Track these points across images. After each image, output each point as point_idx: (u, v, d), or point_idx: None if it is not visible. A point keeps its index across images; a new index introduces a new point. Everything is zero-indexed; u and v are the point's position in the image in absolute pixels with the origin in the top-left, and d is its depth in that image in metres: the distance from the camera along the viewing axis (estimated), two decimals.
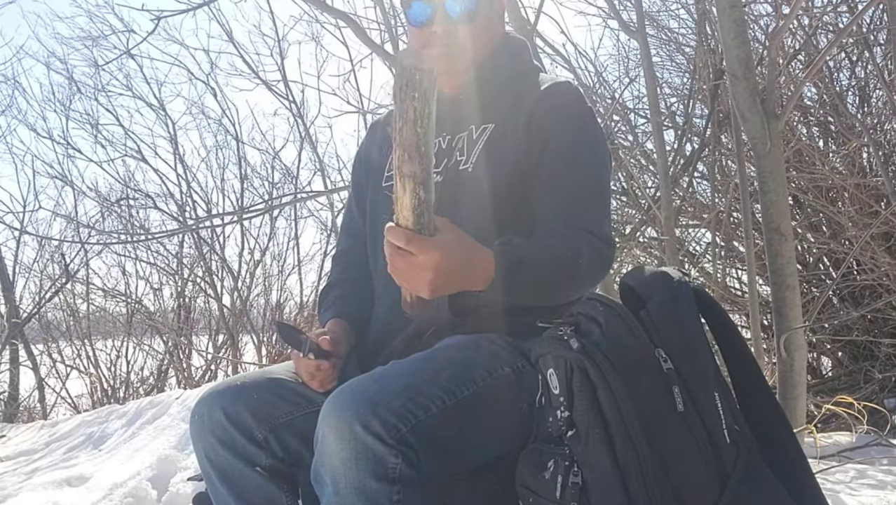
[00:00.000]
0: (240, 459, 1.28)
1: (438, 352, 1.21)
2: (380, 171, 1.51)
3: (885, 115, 4.40)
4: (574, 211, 1.30)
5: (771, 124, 2.40)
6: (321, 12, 4.84)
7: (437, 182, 1.39)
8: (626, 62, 5.46)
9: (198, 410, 1.31)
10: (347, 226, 1.64)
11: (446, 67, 1.41)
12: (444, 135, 1.43)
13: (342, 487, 1.06)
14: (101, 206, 7.48)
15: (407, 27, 1.47)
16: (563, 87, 1.40)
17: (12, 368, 7.93)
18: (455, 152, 1.41)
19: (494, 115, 1.40)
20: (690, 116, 4.67)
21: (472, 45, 1.40)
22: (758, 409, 1.12)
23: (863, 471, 2.52)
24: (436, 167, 1.41)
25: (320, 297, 1.60)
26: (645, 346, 1.05)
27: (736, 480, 1.01)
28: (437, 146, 1.44)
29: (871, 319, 4.21)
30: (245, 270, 7.26)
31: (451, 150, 1.42)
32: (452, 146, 1.42)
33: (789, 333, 2.37)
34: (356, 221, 1.59)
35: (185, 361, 7.57)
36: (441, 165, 1.41)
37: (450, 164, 1.41)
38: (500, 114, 1.39)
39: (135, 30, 6.38)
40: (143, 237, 7.15)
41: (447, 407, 1.12)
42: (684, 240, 4.87)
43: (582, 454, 1.02)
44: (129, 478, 2.76)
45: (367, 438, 1.04)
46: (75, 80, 7.18)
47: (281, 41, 6.22)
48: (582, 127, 1.38)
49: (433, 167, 1.40)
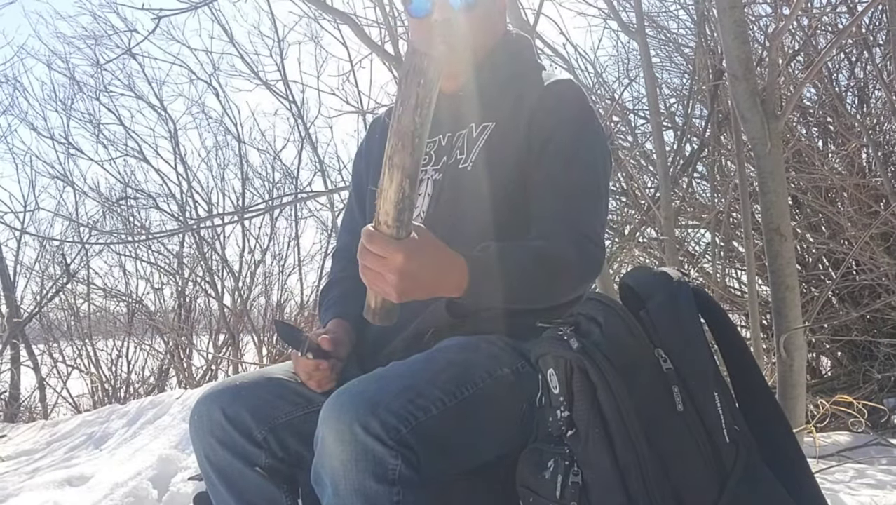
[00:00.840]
0: (239, 459, 1.28)
1: (438, 353, 1.21)
2: (379, 168, 1.51)
3: (884, 116, 4.40)
4: (568, 212, 1.30)
5: (771, 125, 2.41)
6: (320, 13, 4.85)
7: (436, 179, 1.39)
8: (625, 63, 5.47)
9: (197, 410, 1.31)
10: (347, 223, 1.64)
11: (448, 61, 1.41)
12: (445, 133, 1.43)
13: (342, 488, 1.06)
14: (102, 206, 7.49)
15: (408, 21, 1.47)
16: (564, 86, 1.40)
17: (13, 367, 7.93)
18: (455, 150, 1.41)
19: (495, 113, 1.40)
20: (690, 117, 4.68)
21: (472, 38, 1.39)
22: (757, 409, 1.12)
23: (862, 470, 2.52)
24: (435, 164, 1.41)
25: (321, 295, 1.59)
26: (644, 346, 1.05)
27: (735, 479, 1.02)
28: (436, 144, 1.44)
29: (870, 318, 4.21)
30: (246, 269, 7.27)
31: (451, 147, 1.42)
32: (452, 144, 1.42)
33: (789, 333, 2.37)
34: (356, 219, 1.59)
35: (185, 360, 7.57)
36: (440, 163, 1.41)
37: (449, 161, 1.41)
38: (501, 113, 1.39)
39: (137, 29, 6.38)
40: (144, 237, 7.15)
41: (447, 408, 1.12)
42: (684, 240, 4.88)
43: (582, 454, 1.02)
44: (130, 478, 2.77)
45: (367, 439, 1.04)
46: (77, 79, 7.19)
47: (281, 41, 6.22)
48: (581, 127, 1.38)
49: (430, 165, 1.41)
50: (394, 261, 1.06)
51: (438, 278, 1.13)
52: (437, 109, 1.43)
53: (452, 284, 1.15)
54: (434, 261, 1.11)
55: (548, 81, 1.41)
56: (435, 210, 1.38)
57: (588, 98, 1.43)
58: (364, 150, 1.62)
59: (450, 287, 1.15)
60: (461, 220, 1.35)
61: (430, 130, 1.41)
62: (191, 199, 7.32)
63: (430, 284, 1.13)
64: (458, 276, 1.14)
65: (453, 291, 1.16)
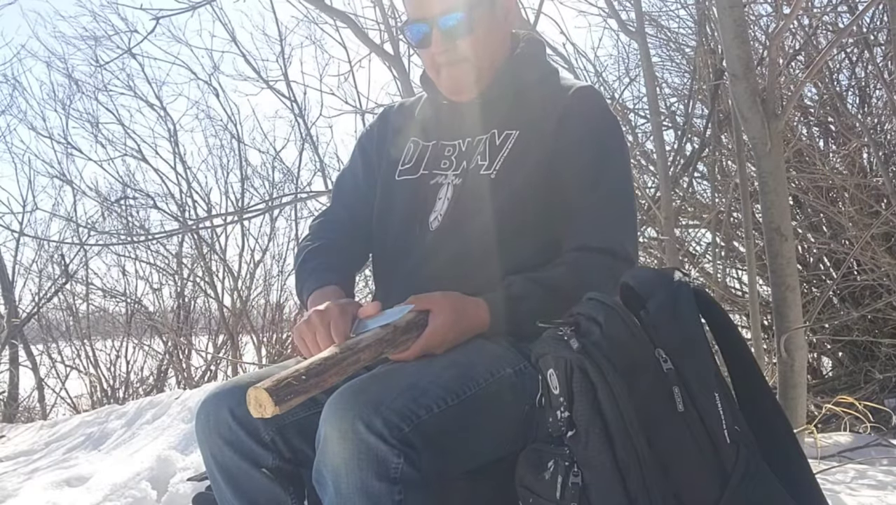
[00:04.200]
0: (246, 459, 1.27)
1: (442, 353, 1.22)
2: (393, 162, 1.50)
3: (885, 115, 4.40)
4: (591, 232, 1.32)
5: (771, 124, 2.41)
6: (320, 14, 4.84)
7: (456, 185, 1.40)
8: (625, 62, 5.46)
9: (204, 409, 1.29)
10: (346, 194, 1.59)
11: (457, 85, 1.42)
12: (465, 137, 1.44)
13: (344, 487, 1.06)
14: (101, 206, 7.49)
15: (415, 51, 1.48)
16: (589, 96, 1.41)
17: (12, 368, 7.93)
18: (476, 156, 1.40)
19: (517, 121, 1.40)
20: (690, 116, 4.68)
21: (478, 55, 1.39)
22: (758, 409, 1.12)
23: (863, 471, 2.52)
24: (455, 170, 1.42)
25: (311, 251, 1.51)
26: (645, 346, 1.05)
27: (736, 480, 1.01)
28: (456, 149, 1.44)
29: (871, 319, 4.20)
30: (245, 270, 7.27)
31: (472, 153, 1.41)
32: (473, 149, 1.42)
33: (789, 334, 2.37)
34: (359, 189, 1.56)
35: (184, 361, 7.58)
36: (460, 168, 1.41)
37: (469, 167, 1.40)
38: (523, 121, 1.40)
39: (137, 29, 6.37)
40: (143, 237, 7.15)
41: (449, 407, 1.13)
42: (684, 240, 4.87)
43: (582, 454, 1.02)
44: (129, 478, 2.76)
45: (369, 437, 1.04)
46: (75, 79, 7.19)
47: (283, 41, 6.21)
48: (607, 144, 1.39)
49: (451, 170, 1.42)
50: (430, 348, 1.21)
51: (468, 328, 1.25)
52: (455, 115, 1.45)
53: (478, 325, 1.25)
54: (458, 321, 1.22)
55: (572, 89, 1.41)
56: (454, 216, 1.38)
57: (609, 107, 1.46)
58: (377, 135, 1.58)
59: (476, 329, 1.26)
60: (481, 227, 1.35)
61: (448, 135, 1.44)
62: (190, 200, 7.32)
63: (462, 335, 1.24)
64: (482, 317, 1.25)
65: (480, 329, 1.26)
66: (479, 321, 1.25)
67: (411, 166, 1.47)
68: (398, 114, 1.58)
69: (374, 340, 1.14)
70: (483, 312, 1.25)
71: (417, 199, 1.43)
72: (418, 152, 1.48)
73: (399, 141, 1.52)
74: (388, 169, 1.51)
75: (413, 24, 1.40)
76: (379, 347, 1.14)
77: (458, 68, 1.40)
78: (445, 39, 1.37)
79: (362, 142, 1.61)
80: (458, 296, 1.25)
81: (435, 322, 1.19)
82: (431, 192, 1.42)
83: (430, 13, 1.36)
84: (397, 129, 1.55)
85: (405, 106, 1.59)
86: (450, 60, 1.39)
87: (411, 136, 1.51)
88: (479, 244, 1.34)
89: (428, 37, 1.38)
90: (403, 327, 1.18)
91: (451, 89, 1.44)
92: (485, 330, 1.26)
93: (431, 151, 1.46)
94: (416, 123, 1.52)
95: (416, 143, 1.49)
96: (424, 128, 1.51)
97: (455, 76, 1.41)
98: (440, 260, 1.36)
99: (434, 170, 1.44)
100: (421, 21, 1.38)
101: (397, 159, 1.50)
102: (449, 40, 1.37)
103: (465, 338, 1.24)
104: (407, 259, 1.41)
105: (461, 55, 1.38)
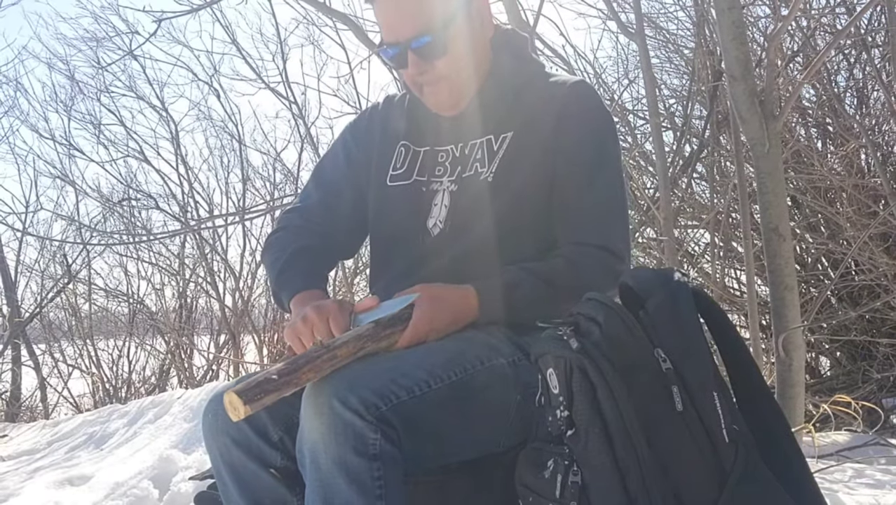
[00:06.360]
0: (254, 459, 1.26)
1: (434, 341, 1.23)
2: (383, 166, 1.48)
3: (882, 116, 4.41)
4: (588, 229, 1.34)
5: (769, 125, 2.42)
6: (319, 15, 4.85)
7: (452, 191, 1.40)
8: (625, 64, 5.46)
9: (211, 407, 1.28)
10: (326, 184, 1.54)
11: (440, 103, 1.42)
12: (457, 143, 1.43)
13: (322, 461, 1.07)
14: (104, 207, 7.49)
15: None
16: (586, 93, 1.41)
17: (14, 367, 7.93)
18: (473, 162, 1.40)
19: (512, 123, 1.40)
20: (689, 118, 4.68)
21: (458, 72, 1.38)
22: (756, 408, 1.13)
23: (861, 470, 2.53)
24: (450, 176, 1.41)
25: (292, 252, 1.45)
26: (644, 346, 1.06)
27: (735, 479, 1.02)
28: (449, 155, 1.43)
29: (869, 318, 4.21)
30: (247, 270, 7.26)
31: (467, 158, 1.41)
32: (467, 155, 1.41)
33: (788, 333, 2.38)
34: (337, 183, 1.52)
35: (186, 360, 7.58)
36: (455, 174, 1.41)
37: (465, 172, 1.40)
38: (519, 121, 1.39)
39: (139, 31, 6.36)
40: (145, 238, 7.16)
41: (432, 390, 1.13)
42: (683, 240, 4.87)
43: (581, 454, 1.03)
44: (131, 477, 2.78)
45: (344, 412, 1.05)
46: (77, 80, 7.19)
47: (283, 43, 6.21)
48: (605, 144, 1.40)
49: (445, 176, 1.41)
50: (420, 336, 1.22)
51: (457, 316, 1.26)
52: (447, 122, 1.45)
53: (469, 314, 1.27)
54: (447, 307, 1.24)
55: (566, 85, 1.41)
56: (454, 221, 1.38)
57: (603, 102, 1.46)
58: (364, 127, 1.56)
59: (468, 316, 1.27)
60: (482, 230, 1.35)
61: (441, 141, 1.44)
62: (192, 200, 7.32)
63: (453, 324, 1.25)
64: (470, 304, 1.26)
65: (471, 317, 1.27)
66: (467, 308, 1.26)
67: (403, 172, 1.45)
68: (385, 112, 1.54)
69: (352, 336, 1.14)
70: (471, 298, 1.26)
71: (413, 205, 1.41)
72: (410, 157, 1.46)
73: (387, 142, 1.49)
74: (377, 172, 1.48)
75: (388, 47, 1.37)
76: (358, 342, 1.14)
77: (438, 87, 1.38)
78: (421, 61, 1.35)
79: (346, 136, 1.57)
80: (440, 285, 1.27)
81: (418, 312, 1.21)
82: (427, 199, 1.41)
83: (402, 36, 1.33)
84: (385, 129, 1.52)
85: (393, 104, 1.55)
86: (428, 81, 1.37)
87: (401, 140, 1.48)
88: (480, 247, 1.34)
89: (404, 59, 1.35)
90: (385, 322, 1.19)
91: (436, 106, 1.43)
92: (477, 318, 1.27)
93: (424, 157, 1.44)
94: (405, 126, 1.49)
95: (407, 147, 1.47)
96: (414, 132, 1.47)
97: (436, 93, 1.39)
98: (441, 264, 1.35)
99: (429, 176, 1.42)
100: (394, 44, 1.36)
101: (387, 163, 1.47)
102: (426, 62, 1.35)
103: (455, 327, 1.25)
104: (406, 265, 1.40)
105: (439, 74, 1.36)
